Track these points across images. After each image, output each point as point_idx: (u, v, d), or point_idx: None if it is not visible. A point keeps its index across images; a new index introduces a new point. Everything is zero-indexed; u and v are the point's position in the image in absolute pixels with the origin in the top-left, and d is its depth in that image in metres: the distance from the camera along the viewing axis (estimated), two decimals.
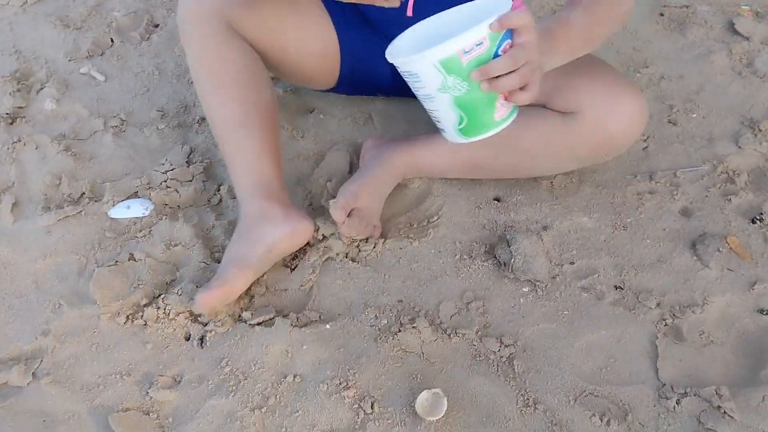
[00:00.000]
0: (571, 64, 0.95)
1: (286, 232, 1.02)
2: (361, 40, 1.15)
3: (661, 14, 1.55)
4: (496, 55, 0.77)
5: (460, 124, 0.82)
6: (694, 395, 0.92)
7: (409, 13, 1.05)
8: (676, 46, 1.47)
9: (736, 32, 1.48)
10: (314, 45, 1.14)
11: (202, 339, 0.99)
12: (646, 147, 1.25)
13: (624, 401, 0.92)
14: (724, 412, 0.89)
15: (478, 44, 0.76)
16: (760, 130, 1.26)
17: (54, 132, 1.32)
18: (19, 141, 1.30)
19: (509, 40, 0.78)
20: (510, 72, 0.77)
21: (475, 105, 0.80)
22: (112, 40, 1.53)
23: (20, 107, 1.37)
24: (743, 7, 1.56)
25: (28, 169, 1.25)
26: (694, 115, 1.31)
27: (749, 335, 0.99)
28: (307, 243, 1.08)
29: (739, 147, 1.24)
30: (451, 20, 0.87)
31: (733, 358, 0.97)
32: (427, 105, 0.84)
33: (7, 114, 1.35)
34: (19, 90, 1.40)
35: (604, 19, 0.95)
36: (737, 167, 1.21)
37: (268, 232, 1.02)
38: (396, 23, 0.98)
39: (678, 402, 0.91)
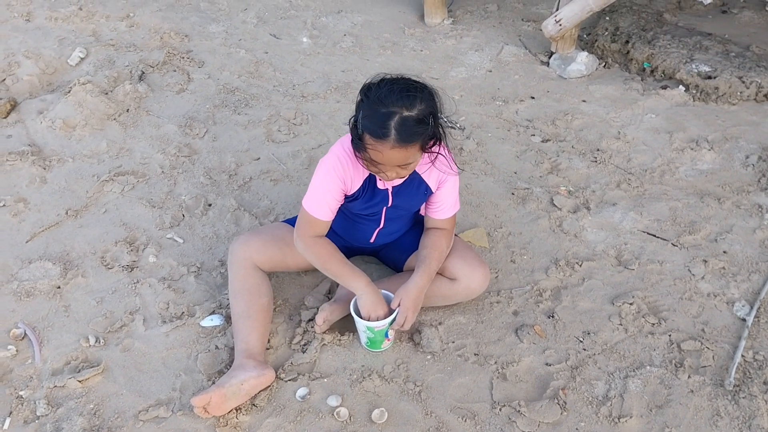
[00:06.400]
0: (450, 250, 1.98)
1: (253, 375, 1.81)
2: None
3: (513, 193, 2.61)
4: (392, 321, 1.89)
5: (367, 343, 1.92)
6: (509, 407, 1.86)
7: (372, 240, 2.06)
8: (520, 214, 2.51)
9: (554, 205, 2.54)
10: (305, 262, 2.06)
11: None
12: (497, 276, 2.25)
13: (474, 411, 1.85)
14: (521, 413, 1.84)
15: (382, 325, 1.86)
16: (560, 265, 2.28)
17: (158, 276, 2.25)
18: (138, 282, 2.22)
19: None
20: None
21: (375, 340, 1.89)
22: (183, 215, 2.50)
23: (134, 261, 2.31)
24: (562, 188, 2.64)
25: (147, 300, 2.17)
26: (525, 257, 2.33)
27: (541, 377, 1.95)
28: (276, 377, 1.89)
29: (547, 275, 2.25)
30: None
31: (531, 388, 1.92)
32: (358, 327, 1.92)
33: (127, 265, 2.28)
34: (131, 250, 2.34)
35: (439, 262, 1.97)
36: (545, 287, 2.21)
37: (242, 374, 1.80)
38: (363, 242, 2.05)
39: (500, 409, 1.85)
